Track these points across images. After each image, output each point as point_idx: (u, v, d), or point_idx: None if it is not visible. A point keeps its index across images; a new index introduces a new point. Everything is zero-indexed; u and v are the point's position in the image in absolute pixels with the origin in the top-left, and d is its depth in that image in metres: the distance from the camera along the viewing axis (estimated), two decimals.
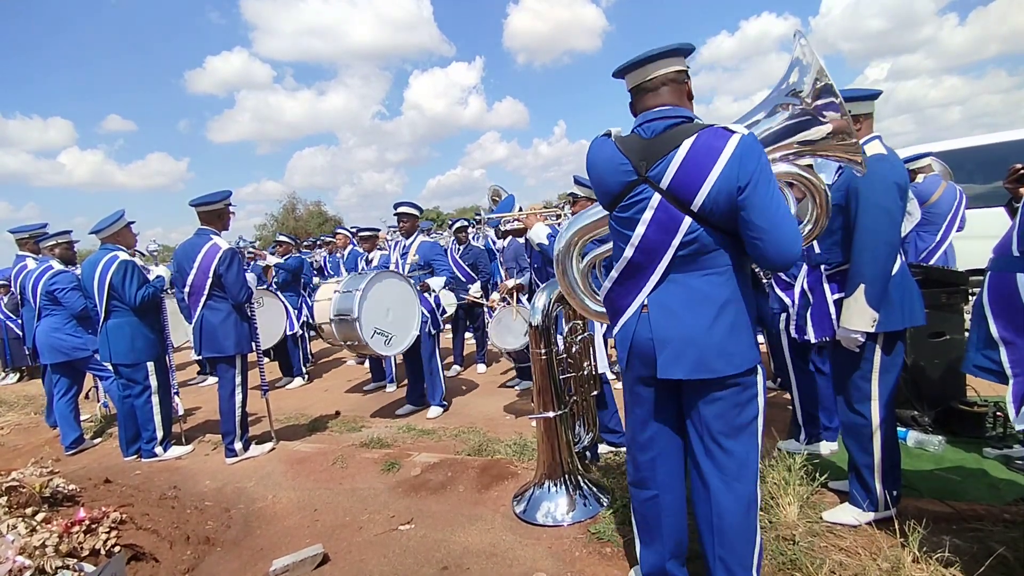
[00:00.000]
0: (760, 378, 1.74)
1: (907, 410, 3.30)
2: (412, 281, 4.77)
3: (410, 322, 4.69)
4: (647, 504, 1.92)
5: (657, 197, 1.64)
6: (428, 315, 4.81)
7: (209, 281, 3.84)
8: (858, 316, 2.21)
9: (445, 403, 4.97)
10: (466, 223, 7.21)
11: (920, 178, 4.77)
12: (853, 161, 1.81)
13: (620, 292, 1.79)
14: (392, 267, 5.08)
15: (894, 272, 2.23)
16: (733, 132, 1.57)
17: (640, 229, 1.68)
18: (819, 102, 1.70)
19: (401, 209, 5.03)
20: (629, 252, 1.72)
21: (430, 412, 4.87)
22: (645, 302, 1.72)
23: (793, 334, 2.64)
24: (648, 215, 1.66)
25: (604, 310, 2.12)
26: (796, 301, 2.75)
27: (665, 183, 1.62)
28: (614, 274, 1.79)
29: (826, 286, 2.41)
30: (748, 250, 1.64)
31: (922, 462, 2.94)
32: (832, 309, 2.36)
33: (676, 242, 1.64)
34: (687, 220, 1.62)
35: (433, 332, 4.88)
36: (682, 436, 1.86)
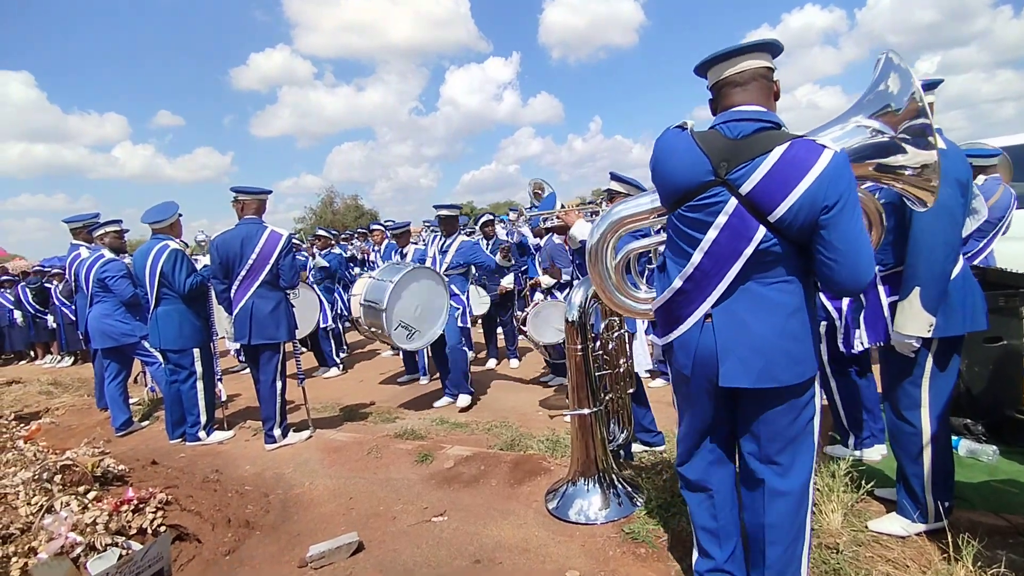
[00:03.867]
0: (817, 382, 1.71)
1: (959, 418, 3.16)
2: (446, 280, 4.81)
3: (436, 320, 4.72)
4: (703, 505, 1.92)
5: (733, 202, 1.56)
6: (459, 308, 4.90)
7: (268, 267, 3.95)
8: (913, 321, 2.11)
9: (472, 389, 5.02)
10: (491, 217, 7.28)
11: (981, 179, 4.51)
12: (920, 200, 1.69)
13: (682, 300, 1.71)
14: (428, 262, 5.13)
15: (955, 274, 2.13)
16: (825, 147, 1.49)
17: (712, 234, 1.60)
18: (908, 125, 1.58)
19: (441, 212, 5.15)
20: (697, 257, 1.64)
21: (460, 401, 4.91)
22: (710, 311, 1.65)
23: (840, 346, 2.53)
24: (722, 220, 1.58)
25: (634, 304, 2.09)
26: (845, 309, 2.65)
27: (746, 189, 1.54)
28: (677, 283, 1.70)
29: (880, 288, 2.31)
30: (818, 270, 1.57)
31: (974, 472, 2.82)
32: (887, 312, 2.26)
33: (749, 251, 1.56)
34: (762, 230, 1.55)
35: (461, 325, 4.96)
36: (735, 437, 1.85)
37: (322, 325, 6.62)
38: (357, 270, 8.06)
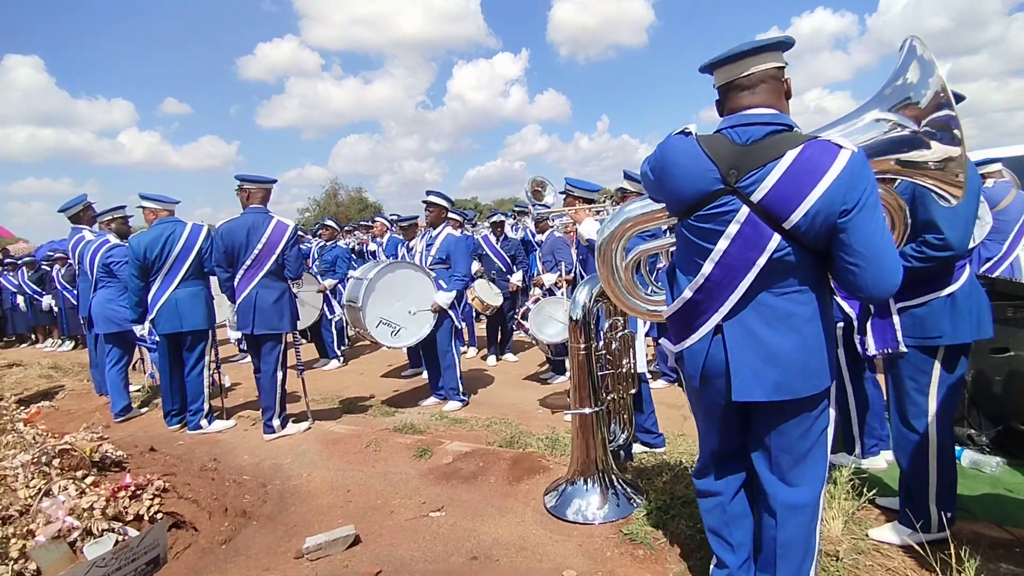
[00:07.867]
0: (832, 391, 1.68)
1: (963, 428, 3.13)
2: (433, 275, 4.67)
3: (424, 316, 4.58)
4: (714, 511, 1.90)
5: (745, 210, 1.49)
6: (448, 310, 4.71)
7: (274, 257, 3.95)
8: None
9: (464, 397, 4.85)
10: (503, 216, 7.24)
11: (989, 183, 4.53)
12: (949, 195, 1.62)
13: (693, 311, 1.65)
14: (417, 257, 5.03)
15: (963, 282, 2.12)
16: (842, 147, 1.42)
17: (722, 244, 1.53)
18: (932, 118, 1.51)
19: (430, 198, 4.93)
20: (708, 268, 1.57)
21: (447, 406, 4.77)
22: (721, 322, 1.59)
23: (859, 348, 2.50)
24: (733, 229, 1.51)
25: (643, 304, 2.07)
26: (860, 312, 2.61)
27: (758, 197, 1.47)
28: (688, 293, 1.63)
29: None
30: (840, 276, 1.51)
31: (977, 483, 2.79)
32: (896, 319, 2.23)
33: (762, 261, 1.50)
34: (776, 238, 1.48)
35: (457, 327, 4.77)
36: (748, 448, 1.83)
37: (328, 316, 6.62)
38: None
